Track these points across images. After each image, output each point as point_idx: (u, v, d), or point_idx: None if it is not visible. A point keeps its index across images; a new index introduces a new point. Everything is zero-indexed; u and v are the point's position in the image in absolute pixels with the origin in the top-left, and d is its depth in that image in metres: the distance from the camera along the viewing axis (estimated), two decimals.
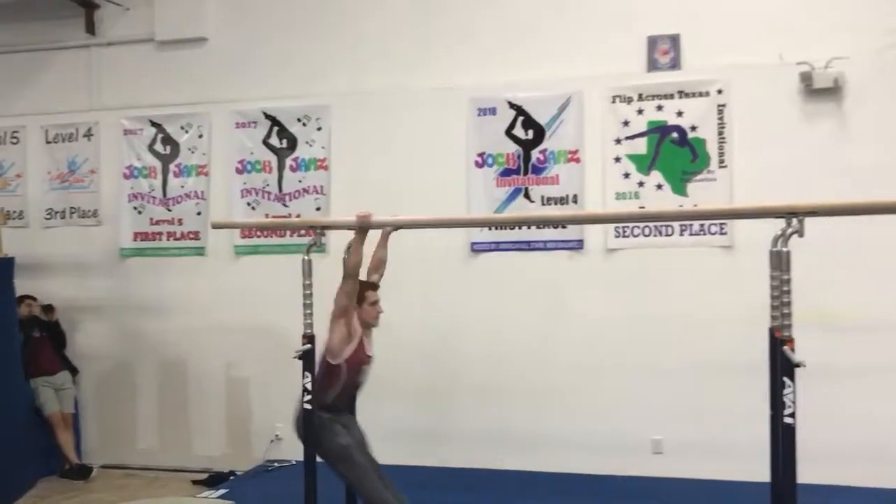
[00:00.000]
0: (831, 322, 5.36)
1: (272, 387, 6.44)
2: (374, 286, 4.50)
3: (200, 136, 6.86)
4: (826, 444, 5.16)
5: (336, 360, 4.20)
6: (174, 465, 6.77)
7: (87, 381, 7.06)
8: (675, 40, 5.91)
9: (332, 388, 4.25)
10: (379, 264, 4.63)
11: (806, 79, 5.55)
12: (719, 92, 5.79)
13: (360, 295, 4.31)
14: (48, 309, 6.91)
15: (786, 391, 3.39)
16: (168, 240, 6.92)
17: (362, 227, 4.24)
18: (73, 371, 6.91)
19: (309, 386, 4.10)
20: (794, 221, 3.52)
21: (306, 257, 4.23)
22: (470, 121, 6.30)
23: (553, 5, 6.18)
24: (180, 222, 6.89)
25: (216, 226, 5.77)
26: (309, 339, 4.15)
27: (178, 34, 6.89)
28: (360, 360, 4.29)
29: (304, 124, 6.63)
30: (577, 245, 6.07)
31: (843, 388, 5.43)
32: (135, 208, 7.01)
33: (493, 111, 6.27)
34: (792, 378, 3.36)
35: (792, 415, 3.36)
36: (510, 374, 6.14)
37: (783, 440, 3.44)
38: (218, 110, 6.81)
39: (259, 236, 6.70)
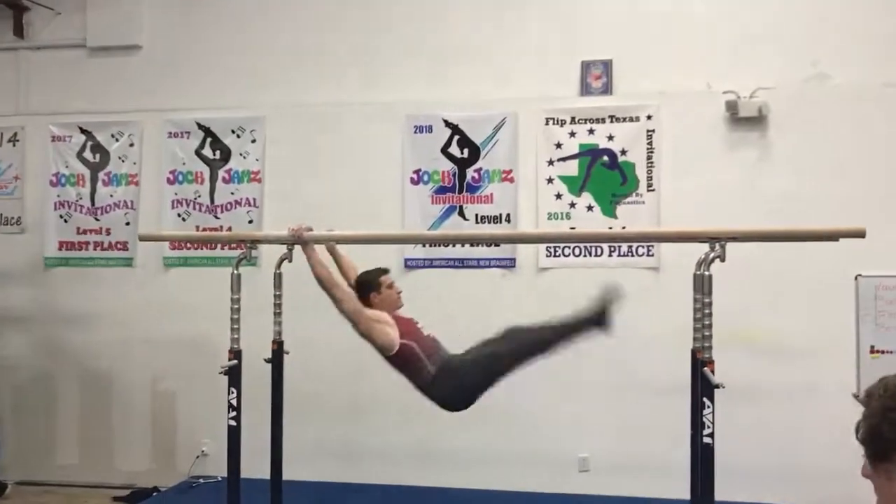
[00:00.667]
0: (753, 343, 5.53)
1: (199, 401, 6.33)
2: (382, 270, 4.45)
3: (131, 145, 6.73)
4: (746, 462, 5.32)
5: (396, 348, 4.10)
6: (95, 481, 6.59)
7: (4, 393, 6.84)
8: (607, 66, 6.05)
9: (425, 361, 4.12)
10: (349, 267, 4.59)
11: (732, 107, 5.73)
12: (649, 117, 5.95)
13: (371, 285, 4.28)
14: None
15: (705, 411, 3.49)
16: (95, 250, 6.76)
17: (296, 243, 4.22)
18: None
19: (234, 402, 4.05)
20: (717, 246, 3.64)
21: (235, 271, 4.20)
22: (406, 138, 6.33)
23: (491, 28, 6.26)
24: (108, 232, 6.74)
25: (144, 238, 5.68)
26: (235, 354, 4.12)
27: (110, 41, 6.75)
28: (413, 331, 4.22)
29: (238, 136, 6.57)
30: (510, 263, 6.14)
31: (764, 409, 5.59)
32: (61, 217, 6.82)
33: (429, 129, 6.32)
34: (711, 398, 3.46)
35: (711, 434, 3.46)
36: None
37: (702, 459, 3.54)
38: (150, 119, 6.69)
39: (189, 248, 6.60)
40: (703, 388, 3.53)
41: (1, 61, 7.00)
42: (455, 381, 4.15)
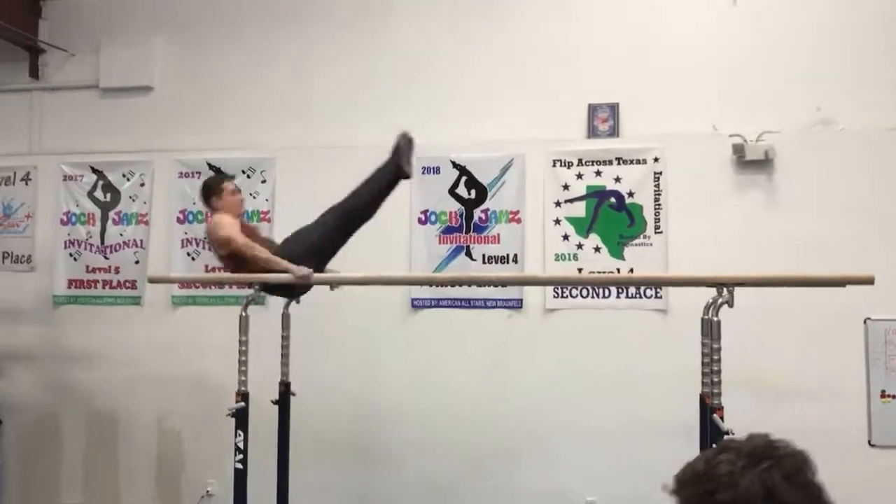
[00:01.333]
0: (762, 386, 5.50)
1: (204, 441, 6.31)
2: (227, 176, 4.92)
3: (142, 185, 6.80)
4: None
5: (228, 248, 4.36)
6: None
7: (10, 432, 6.81)
8: (614, 109, 6.10)
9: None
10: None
11: (738, 150, 5.76)
12: (656, 160, 5.98)
13: (213, 189, 4.65)
14: None
15: None
16: (104, 288, 6.79)
17: (302, 284, 4.25)
18: None
19: (241, 445, 4.04)
20: (725, 292, 3.65)
21: (243, 313, 4.21)
22: (414, 178, 6.34)
23: (498, 70, 6.33)
24: (117, 271, 6.77)
25: (153, 280, 5.70)
26: (243, 396, 4.12)
27: (123, 82, 6.85)
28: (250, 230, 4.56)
29: (248, 176, 6.63)
30: (517, 304, 6.14)
31: None
32: (70, 255, 6.87)
33: (437, 170, 6.37)
34: None
35: None
36: (447, 433, 6.11)
37: None
38: (161, 159, 6.76)
39: (197, 287, 6.61)
40: (712, 434, 3.52)
41: (16, 102, 7.11)
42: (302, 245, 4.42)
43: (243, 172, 6.61)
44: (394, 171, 4.38)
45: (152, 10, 6.91)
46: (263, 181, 6.60)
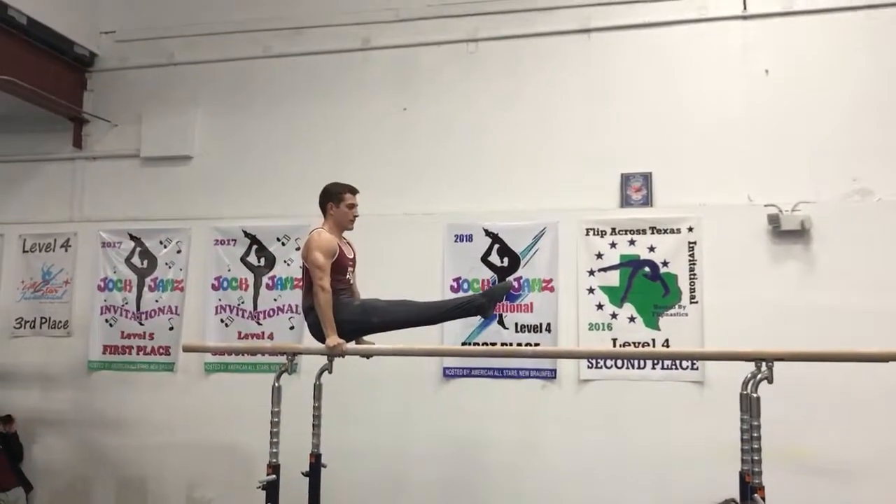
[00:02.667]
0: (805, 461, 5.34)
1: None
2: (352, 189, 4.72)
3: (179, 252, 6.90)
4: None
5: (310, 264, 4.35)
6: None
7: (42, 497, 6.80)
8: (647, 178, 6.11)
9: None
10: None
11: (774, 220, 5.72)
12: (690, 229, 5.95)
13: (332, 195, 4.60)
14: (7, 420, 6.72)
15: None
16: (138, 354, 6.84)
17: (335, 355, 4.24)
18: (28, 487, 6.65)
19: None
20: (764, 367, 3.58)
21: (276, 384, 4.20)
22: (447, 246, 6.40)
23: (531, 141, 6.38)
24: (151, 337, 6.83)
25: (188, 349, 5.71)
26: (274, 468, 4.08)
27: (163, 151, 7.04)
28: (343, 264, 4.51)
29: (283, 244, 6.70)
30: (550, 374, 6.07)
31: None
32: (106, 321, 6.95)
33: (469, 238, 6.38)
34: None
35: None
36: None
37: None
38: (198, 227, 6.87)
39: (230, 354, 6.64)
40: None
41: (59, 171, 7.32)
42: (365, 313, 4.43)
43: (278, 240, 6.69)
44: (476, 309, 4.43)
45: (193, 82, 7.11)
46: (297, 248, 6.63)
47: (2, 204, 7.40)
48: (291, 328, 6.54)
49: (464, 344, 6.21)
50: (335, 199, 4.61)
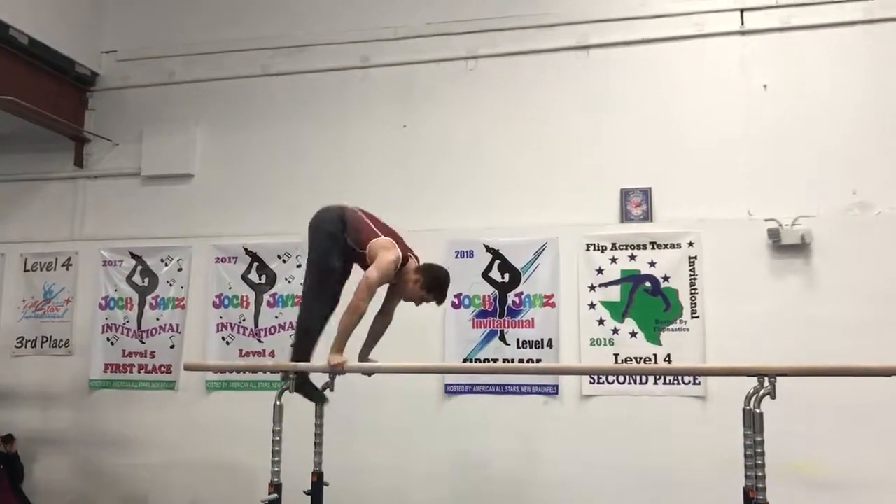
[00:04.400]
0: (811, 477, 5.33)
1: None
2: (441, 300, 4.49)
3: (180, 270, 6.90)
4: None
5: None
6: None
7: None
8: (647, 193, 6.12)
9: None
10: (378, 334, 4.58)
11: (774, 235, 5.72)
12: (690, 244, 5.95)
13: (432, 286, 4.33)
14: (7, 440, 6.68)
15: None
16: (139, 372, 6.83)
17: (336, 373, 4.24)
18: None
19: None
20: (766, 382, 3.57)
21: (278, 402, 4.18)
22: (448, 262, 6.34)
23: (530, 156, 6.41)
24: (153, 355, 6.82)
25: (189, 368, 5.71)
26: (276, 488, 4.06)
27: (164, 170, 7.06)
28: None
29: (283, 261, 6.71)
30: (552, 390, 6.05)
31: None
32: (108, 339, 6.95)
33: (470, 254, 6.39)
34: None
35: None
36: None
37: None
38: (199, 245, 6.88)
39: (232, 372, 6.62)
40: None
41: (60, 190, 7.35)
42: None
43: (279, 257, 6.70)
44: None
45: (193, 101, 7.14)
46: (299, 265, 6.63)
47: (3, 223, 7.42)
48: (293, 345, 6.52)
49: (465, 360, 6.21)
50: (429, 285, 4.34)
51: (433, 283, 4.36)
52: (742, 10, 6.18)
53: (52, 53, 6.83)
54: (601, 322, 6.05)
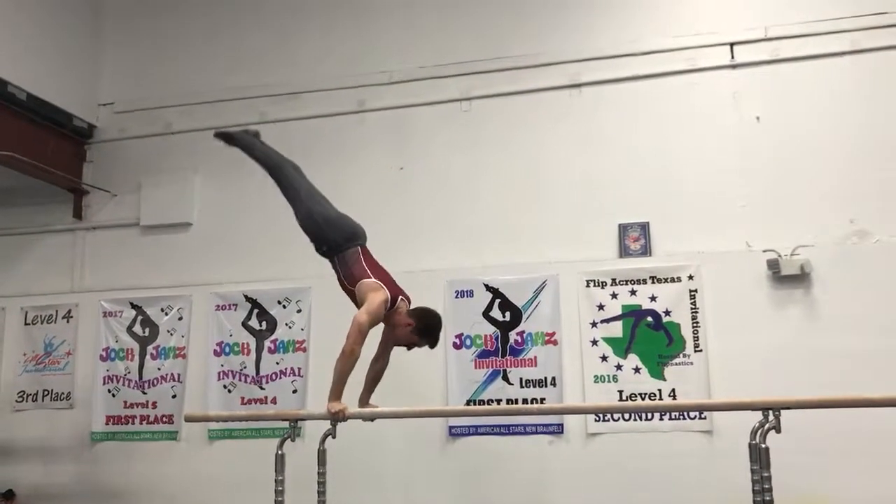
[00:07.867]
0: None
1: None
2: (433, 345, 4.45)
3: (180, 319, 6.89)
4: None
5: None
6: None
7: None
8: (644, 228, 6.13)
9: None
10: (376, 378, 4.56)
11: (773, 266, 5.72)
12: (690, 277, 5.94)
13: (425, 332, 4.34)
14: (8, 495, 6.64)
15: None
16: (141, 423, 6.78)
17: (337, 420, 4.20)
18: None
19: None
20: (771, 416, 3.54)
21: (279, 451, 4.15)
22: (448, 302, 6.37)
23: (527, 194, 6.43)
24: (154, 405, 6.78)
25: (189, 419, 5.64)
26: None
27: (163, 219, 7.09)
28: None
29: (283, 306, 6.69)
30: (558, 429, 6.00)
31: None
32: (109, 391, 6.91)
33: (470, 293, 6.38)
34: None
35: None
36: None
37: None
38: (199, 293, 6.88)
39: (233, 421, 6.57)
40: None
41: (59, 242, 7.37)
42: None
43: (279, 303, 6.69)
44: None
45: (190, 150, 7.18)
46: (299, 311, 6.65)
47: (3, 277, 7.42)
48: (294, 391, 6.50)
49: (469, 401, 6.16)
50: (421, 331, 4.36)
51: (425, 330, 4.37)
52: (732, 44, 6.24)
53: (49, 108, 6.90)
54: (604, 358, 6.02)
